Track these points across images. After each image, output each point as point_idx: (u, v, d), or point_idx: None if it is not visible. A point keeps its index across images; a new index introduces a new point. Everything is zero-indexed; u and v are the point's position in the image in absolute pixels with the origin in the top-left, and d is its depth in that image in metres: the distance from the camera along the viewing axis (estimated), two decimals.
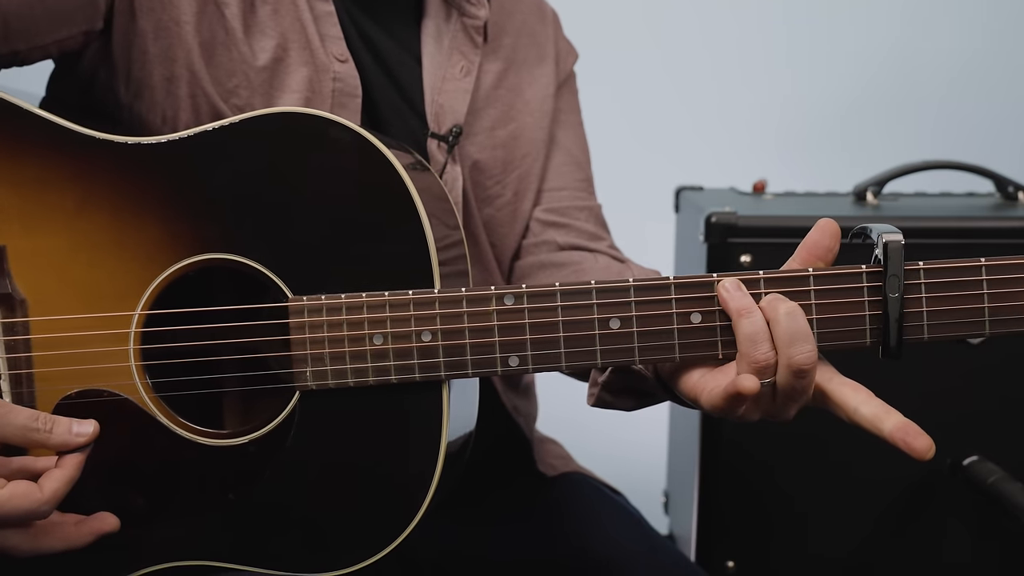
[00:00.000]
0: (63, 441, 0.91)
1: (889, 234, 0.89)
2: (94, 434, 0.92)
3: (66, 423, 0.91)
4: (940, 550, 1.59)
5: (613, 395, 1.05)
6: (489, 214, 1.25)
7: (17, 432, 0.89)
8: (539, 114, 1.29)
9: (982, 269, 0.90)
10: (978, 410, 1.56)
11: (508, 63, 1.28)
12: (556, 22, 1.38)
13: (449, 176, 1.19)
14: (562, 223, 1.28)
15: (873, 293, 0.90)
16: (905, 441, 0.87)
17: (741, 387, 0.86)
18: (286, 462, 0.97)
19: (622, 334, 0.92)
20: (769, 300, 0.89)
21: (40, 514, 0.89)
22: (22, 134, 0.98)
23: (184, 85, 1.09)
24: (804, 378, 0.87)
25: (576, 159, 1.34)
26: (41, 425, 0.90)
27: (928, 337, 0.91)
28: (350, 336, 0.95)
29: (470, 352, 0.94)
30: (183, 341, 0.97)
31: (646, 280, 0.92)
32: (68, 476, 0.90)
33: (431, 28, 1.22)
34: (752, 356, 0.87)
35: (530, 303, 0.93)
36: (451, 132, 1.19)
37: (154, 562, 0.99)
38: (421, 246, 0.95)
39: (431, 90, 1.20)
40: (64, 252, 0.98)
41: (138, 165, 0.98)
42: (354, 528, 0.97)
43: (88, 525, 0.94)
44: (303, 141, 0.96)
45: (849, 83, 2.55)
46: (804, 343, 0.86)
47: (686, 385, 0.94)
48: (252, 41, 1.10)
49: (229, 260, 0.97)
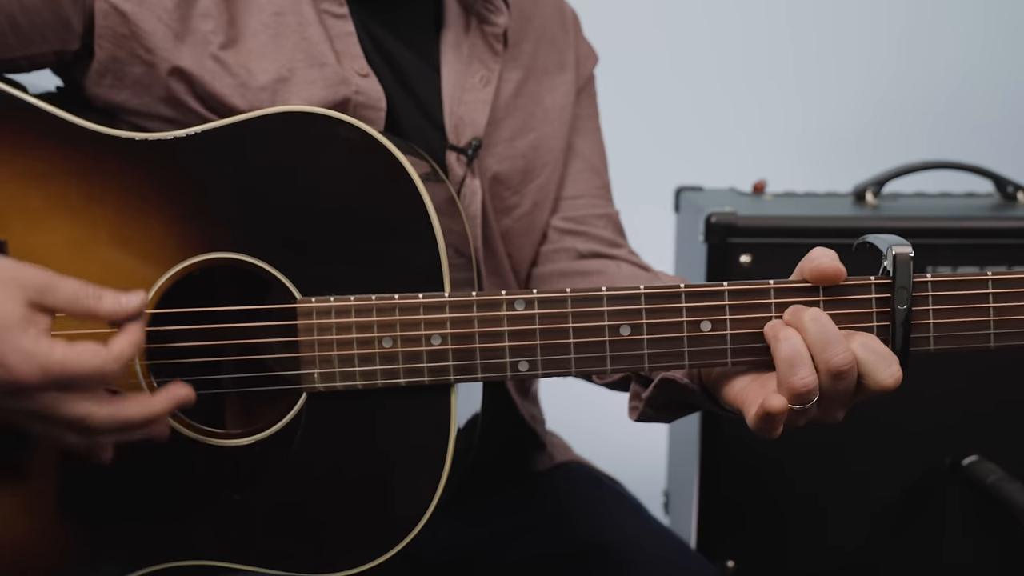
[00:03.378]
0: (111, 307, 0.89)
1: (899, 246, 0.89)
2: (142, 304, 0.90)
3: (113, 293, 0.89)
4: (940, 550, 1.60)
5: (656, 410, 1.05)
6: (507, 225, 1.24)
7: (68, 298, 0.87)
8: (558, 123, 1.28)
9: (988, 283, 0.91)
10: (978, 410, 1.57)
11: (528, 71, 1.26)
12: (576, 24, 1.36)
13: (468, 189, 1.17)
14: (580, 231, 1.27)
15: (881, 304, 0.91)
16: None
17: (768, 407, 0.85)
18: (293, 463, 0.97)
19: (632, 341, 0.92)
20: (792, 311, 0.90)
21: (107, 372, 0.86)
22: (26, 128, 0.97)
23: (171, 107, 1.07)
24: (844, 379, 0.87)
25: (594, 166, 1.33)
26: (91, 291, 0.88)
27: (935, 349, 0.92)
28: (359, 339, 0.95)
29: (480, 356, 0.94)
30: (189, 341, 0.97)
31: (656, 288, 0.92)
32: (132, 338, 0.89)
33: (450, 37, 1.20)
34: (790, 382, 0.86)
35: (541, 308, 0.93)
36: (470, 144, 1.17)
37: (159, 561, 0.99)
38: (432, 249, 0.95)
39: (450, 101, 1.18)
40: (68, 248, 0.97)
41: (144, 161, 0.97)
42: (361, 528, 0.98)
43: (165, 393, 0.92)
44: (313, 141, 0.96)
45: (849, 84, 2.55)
46: (836, 344, 0.86)
47: (730, 394, 0.93)
48: (248, 63, 1.07)
49: (236, 260, 0.96)
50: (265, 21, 1.08)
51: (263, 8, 1.09)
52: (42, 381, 0.84)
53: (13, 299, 0.84)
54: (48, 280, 0.86)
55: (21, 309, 0.84)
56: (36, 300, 0.85)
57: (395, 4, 1.18)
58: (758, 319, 0.91)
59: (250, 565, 0.99)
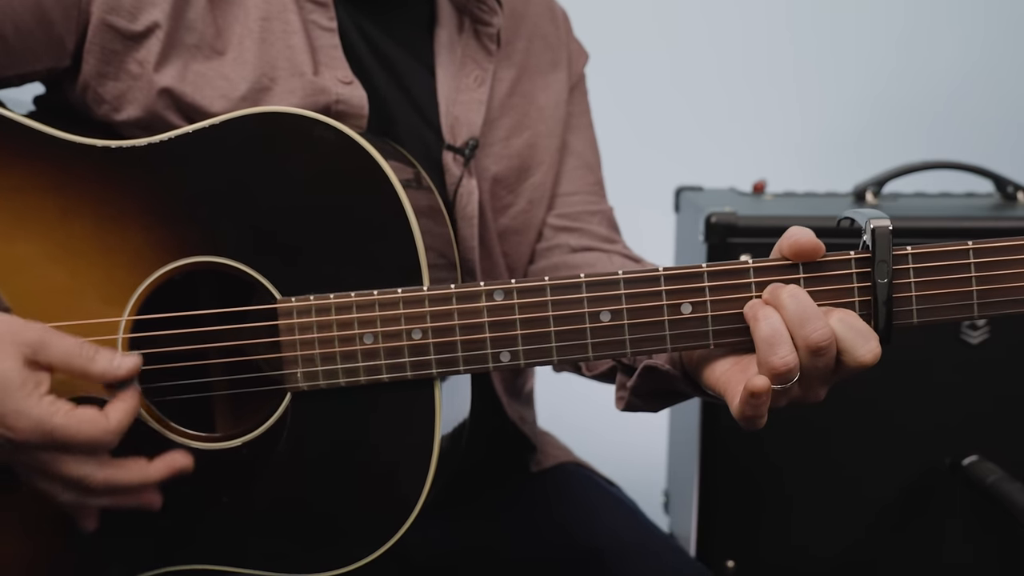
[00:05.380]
0: (103, 369, 0.90)
1: (877, 219, 0.89)
2: (135, 366, 0.91)
3: (108, 353, 0.90)
4: (940, 550, 1.58)
5: (642, 399, 1.04)
6: (503, 224, 1.24)
7: (61, 357, 0.88)
8: (553, 121, 1.28)
9: (969, 252, 0.90)
10: (978, 410, 1.56)
11: (521, 69, 1.26)
12: (567, 23, 1.37)
13: (464, 190, 1.17)
14: (575, 227, 1.27)
15: (862, 279, 0.90)
16: None
17: (752, 387, 0.84)
18: (279, 463, 0.97)
19: (613, 327, 0.92)
20: (770, 289, 0.89)
21: (106, 443, 0.88)
22: (2, 143, 0.97)
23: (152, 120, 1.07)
24: (823, 355, 0.86)
25: (588, 163, 1.33)
26: (85, 352, 0.89)
27: (918, 321, 0.90)
28: (340, 336, 0.95)
29: (461, 349, 0.94)
30: (171, 346, 0.97)
31: (635, 272, 0.92)
32: (129, 407, 0.90)
33: (444, 37, 1.20)
34: (770, 362, 0.86)
35: (520, 298, 0.93)
36: (467, 145, 1.17)
37: (151, 567, 0.99)
38: (409, 243, 0.95)
39: (445, 101, 1.18)
40: (47, 259, 0.97)
41: (120, 169, 0.97)
42: (349, 527, 0.97)
43: (162, 460, 0.93)
44: (286, 141, 0.96)
45: (849, 83, 2.55)
46: (815, 320, 0.85)
47: (711, 377, 0.93)
48: (229, 73, 1.06)
49: (215, 263, 0.97)
50: (251, 27, 1.08)
51: (250, 13, 1.08)
52: (41, 442, 0.86)
53: (11, 357, 0.86)
54: (43, 337, 0.88)
55: (19, 368, 0.86)
56: (32, 358, 0.87)
57: (389, 5, 1.18)
58: (738, 299, 0.91)
59: (240, 567, 0.99)
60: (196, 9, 1.06)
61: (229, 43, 1.07)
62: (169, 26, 1.04)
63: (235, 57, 1.07)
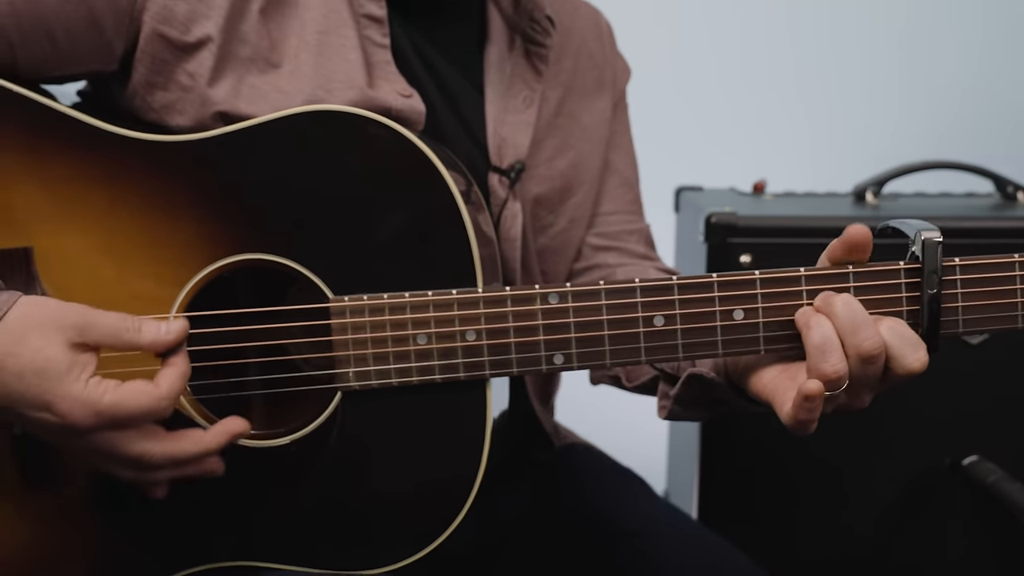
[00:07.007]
0: (153, 338, 0.89)
1: (927, 231, 0.91)
2: (183, 330, 0.90)
3: (154, 322, 0.89)
4: (939, 549, 1.60)
5: (684, 407, 1.05)
6: (543, 244, 1.23)
7: (107, 333, 0.87)
8: (596, 140, 1.27)
9: (1015, 264, 0.92)
10: (977, 410, 1.58)
11: (567, 89, 1.25)
12: (611, 36, 1.35)
13: (509, 212, 1.16)
14: (614, 247, 1.28)
15: (910, 289, 0.92)
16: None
17: (806, 391, 0.86)
18: (328, 462, 0.97)
19: (666, 331, 0.93)
20: (822, 297, 0.91)
21: (161, 409, 0.87)
22: (51, 133, 0.96)
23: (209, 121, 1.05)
24: (873, 364, 0.88)
25: (628, 180, 1.33)
26: (130, 324, 0.88)
27: (963, 331, 0.93)
28: (393, 336, 0.95)
29: (515, 351, 0.94)
30: (221, 343, 0.96)
31: (689, 278, 0.93)
32: (180, 371, 0.89)
33: (494, 55, 1.19)
34: (820, 369, 0.87)
35: (575, 301, 0.94)
36: (513, 168, 1.16)
37: (196, 563, 0.99)
38: (463, 245, 0.95)
39: (493, 122, 1.17)
40: (94, 253, 0.96)
41: (171, 164, 0.97)
42: (397, 526, 0.98)
43: (220, 427, 0.93)
44: (340, 140, 0.95)
45: (850, 83, 2.57)
46: (866, 328, 0.87)
47: (758, 384, 0.94)
48: (285, 86, 1.05)
49: (266, 260, 0.96)
50: (308, 40, 1.06)
51: (307, 26, 1.06)
52: (96, 424, 0.86)
53: (55, 343, 0.85)
54: (86, 317, 0.87)
55: (65, 353, 0.85)
56: (77, 340, 0.86)
57: (440, 20, 1.16)
58: (790, 306, 0.92)
59: (285, 564, 0.99)
60: (249, 22, 1.04)
61: (284, 56, 1.05)
62: (222, 39, 1.03)
63: (291, 70, 1.05)
